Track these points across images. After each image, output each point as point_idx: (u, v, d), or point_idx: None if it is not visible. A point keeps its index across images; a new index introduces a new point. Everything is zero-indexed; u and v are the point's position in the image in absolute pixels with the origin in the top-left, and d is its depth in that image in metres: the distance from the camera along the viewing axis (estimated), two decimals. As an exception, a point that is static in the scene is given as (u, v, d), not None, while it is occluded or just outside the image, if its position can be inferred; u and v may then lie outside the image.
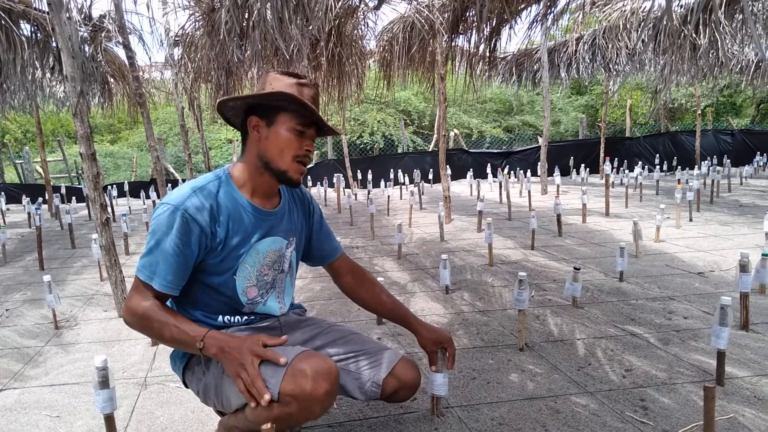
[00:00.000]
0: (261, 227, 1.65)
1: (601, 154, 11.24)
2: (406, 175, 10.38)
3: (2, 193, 9.76)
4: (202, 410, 2.08)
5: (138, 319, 1.52)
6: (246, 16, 4.15)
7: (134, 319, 1.53)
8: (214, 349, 1.44)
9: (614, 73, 9.49)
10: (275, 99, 1.56)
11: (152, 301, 1.53)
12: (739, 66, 9.08)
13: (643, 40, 7.45)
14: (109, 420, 1.74)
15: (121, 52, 7.38)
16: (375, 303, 1.91)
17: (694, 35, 4.80)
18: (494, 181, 10.55)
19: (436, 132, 12.72)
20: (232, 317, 1.69)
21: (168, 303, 1.67)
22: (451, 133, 14.28)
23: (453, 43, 6.06)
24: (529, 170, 10.58)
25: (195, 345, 1.45)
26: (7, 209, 9.36)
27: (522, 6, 4.54)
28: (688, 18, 4.79)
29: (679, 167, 12.15)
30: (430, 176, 11.47)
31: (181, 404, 2.16)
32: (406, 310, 1.89)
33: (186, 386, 1.74)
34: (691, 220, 5.83)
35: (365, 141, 15.94)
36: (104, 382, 1.66)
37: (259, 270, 1.67)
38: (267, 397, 1.37)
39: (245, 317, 1.70)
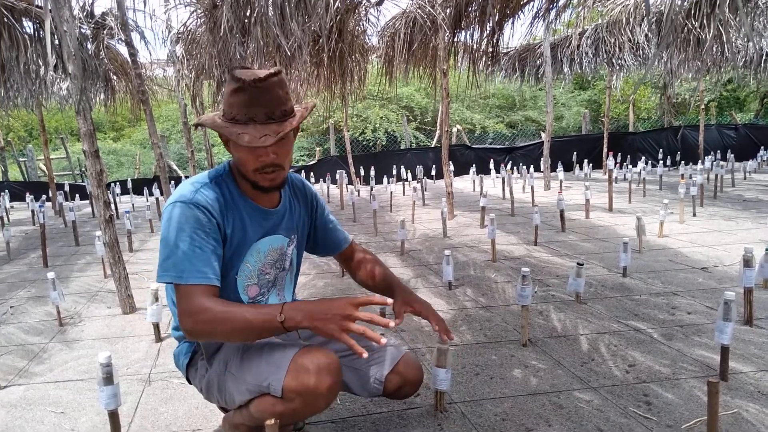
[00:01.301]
0: (262, 226, 1.63)
1: (605, 150, 11.21)
2: (408, 171, 10.37)
3: (6, 190, 9.78)
4: (206, 406, 2.08)
5: (199, 320, 1.39)
6: (247, 13, 4.15)
7: (195, 323, 1.40)
8: (299, 316, 1.34)
9: (617, 67, 9.46)
10: (204, 125, 1.54)
11: (206, 297, 1.41)
12: (743, 60, 9.04)
13: (646, 35, 7.43)
14: (114, 416, 1.75)
15: (123, 49, 7.37)
16: (367, 278, 1.87)
17: (698, 29, 4.77)
18: (497, 177, 10.53)
19: (438, 128, 12.71)
20: None
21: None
22: (454, 129, 14.25)
23: (455, 39, 6.06)
24: (532, 166, 10.55)
25: (276, 320, 1.35)
26: (11, 207, 9.39)
27: (524, 1, 4.53)
28: (692, 12, 4.76)
29: (683, 162, 12.10)
30: (433, 172, 11.45)
31: (185, 400, 2.17)
32: (394, 280, 1.85)
33: (189, 383, 1.75)
34: (694, 215, 5.81)
35: (368, 137, 15.92)
36: (108, 379, 1.67)
37: (260, 269, 1.66)
38: (384, 341, 1.32)
39: None
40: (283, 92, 1.48)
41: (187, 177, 10.76)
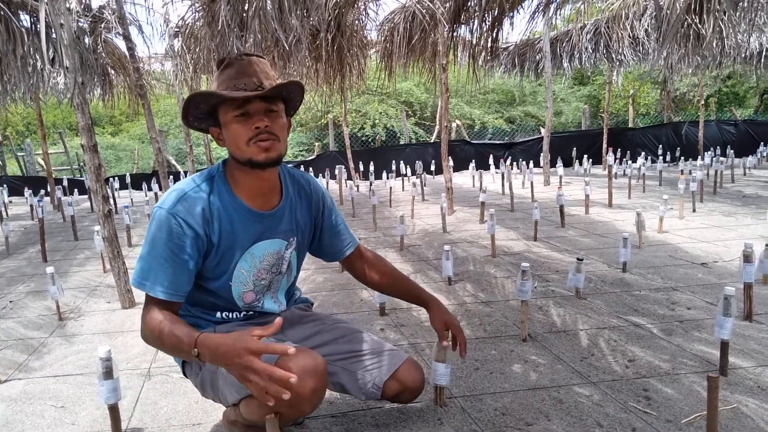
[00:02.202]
0: (256, 230, 1.59)
1: (604, 145, 11.20)
2: (408, 166, 10.35)
3: (4, 185, 9.76)
4: (206, 400, 2.08)
5: (143, 331, 1.48)
6: (246, 7, 4.13)
7: (143, 332, 1.49)
8: (208, 357, 1.32)
9: (617, 62, 9.44)
10: (198, 104, 1.51)
11: (158, 309, 1.46)
12: (743, 55, 9.03)
13: (646, 30, 7.41)
14: (114, 410, 1.75)
15: (121, 44, 7.35)
16: (387, 286, 1.90)
17: (698, 24, 4.76)
18: (497, 173, 10.53)
19: (438, 123, 12.68)
20: (231, 313, 1.67)
21: None
22: (453, 124, 14.23)
23: (455, 33, 6.04)
24: (531, 161, 10.55)
25: (192, 354, 1.34)
26: (10, 201, 9.37)
27: (524, -5, 4.51)
28: (692, 6, 4.75)
29: (682, 158, 12.11)
30: (432, 168, 11.43)
31: (185, 395, 2.17)
32: (419, 289, 1.88)
33: (187, 377, 1.75)
34: (694, 210, 5.81)
35: (367, 133, 15.89)
36: (108, 373, 1.67)
37: (255, 275, 1.63)
38: (287, 396, 1.22)
39: (243, 313, 1.69)
40: (270, 72, 1.51)
41: (185, 172, 10.74)
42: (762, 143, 12.06)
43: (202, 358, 1.33)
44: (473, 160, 10.89)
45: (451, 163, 7.28)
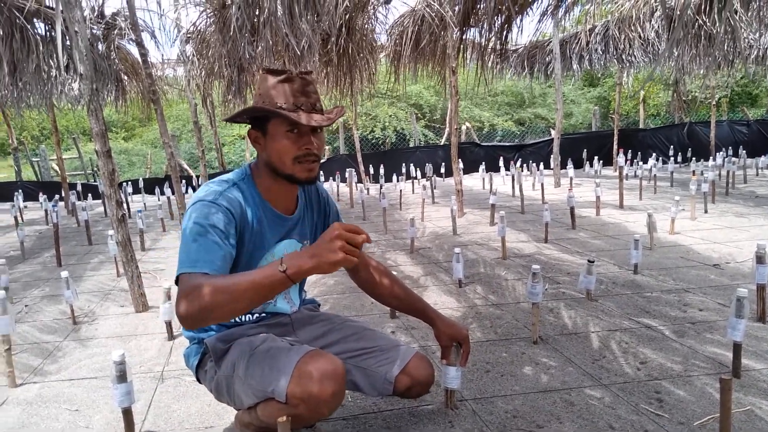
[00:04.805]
0: (279, 231, 1.65)
1: (615, 146, 11.14)
2: (418, 169, 10.35)
3: (20, 190, 9.88)
4: (219, 404, 2.09)
5: (197, 296, 1.27)
6: (257, 12, 4.16)
7: (192, 300, 1.28)
8: (299, 260, 1.24)
9: (627, 64, 9.40)
10: (253, 112, 1.55)
11: (207, 277, 1.32)
12: (755, 55, 8.94)
13: (656, 31, 7.37)
14: (127, 414, 1.77)
15: (133, 50, 7.43)
16: (390, 297, 1.90)
17: (709, 25, 4.74)
18: (507, 175, 10.49)
19: (447, 125, 12.67)
20: (243, 316, 1.70)
21: None
22: (463, 127, 14.21)
23: (464, 36, 6.04)
24: (541, 163, 10.51)
25: (278, 273, 1.24)
26: (25, 206, 9.48)
27: (533, -3, 4.50)
28: (703, 7, 4.72)
29: (694, 158, 12.00)
30: (442, 170, 11.42)
31: (198, 398, 2.19)
32: (424, 303, 1.89)
33: (200, 382, 1.77)
34: (706, 211, 5.77)
35: (377, 136, 15.91)
36: (122, 377, 1.69)
37: None
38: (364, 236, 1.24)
39: (256, 315, 1.72)
40: (317, 91, 1.58)
41: (198, 177, 10.82)
42: (775, 143, 11.92)
43: (290, 271, 1.23)
44: (483, 163, 10.86)
45: (461, 165, 7.27)
